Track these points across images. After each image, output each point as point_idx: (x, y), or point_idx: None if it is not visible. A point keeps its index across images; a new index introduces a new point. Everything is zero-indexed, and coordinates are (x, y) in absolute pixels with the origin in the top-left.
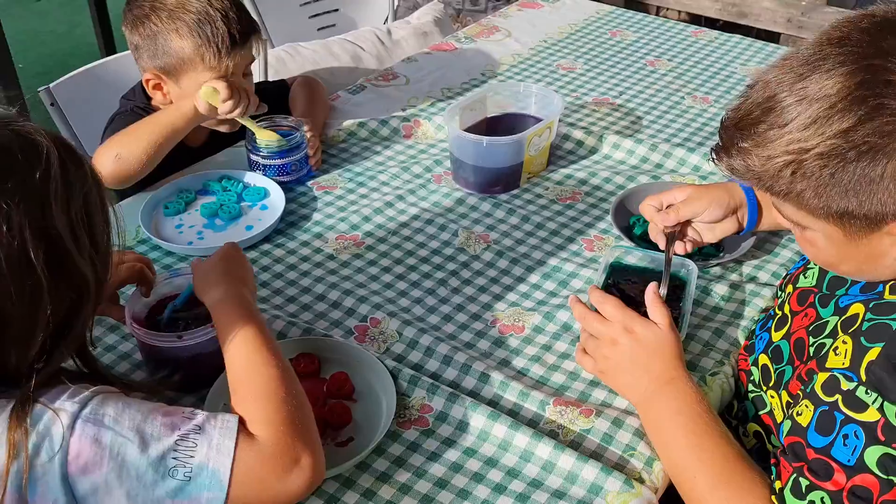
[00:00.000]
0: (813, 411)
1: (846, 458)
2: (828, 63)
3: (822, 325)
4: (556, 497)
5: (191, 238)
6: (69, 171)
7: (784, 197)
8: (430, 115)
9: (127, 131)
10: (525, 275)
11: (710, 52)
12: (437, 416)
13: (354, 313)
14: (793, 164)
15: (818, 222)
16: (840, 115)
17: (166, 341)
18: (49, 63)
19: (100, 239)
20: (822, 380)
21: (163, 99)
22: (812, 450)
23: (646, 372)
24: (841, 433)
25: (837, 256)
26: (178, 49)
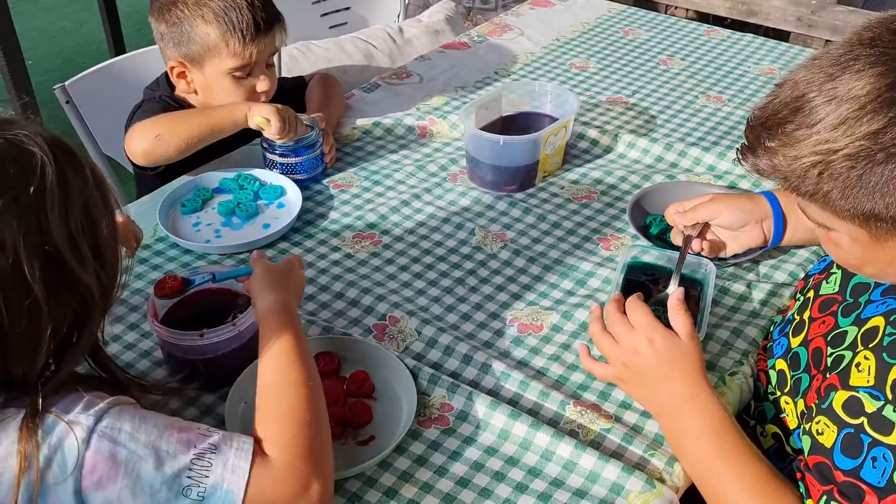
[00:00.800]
0: (836, 433)
1: (876, 480)
2: (858, 63)
3: (841, 335)
4: (577, 496)
5: (208, 236)
6: (68, 178)
7: (810, 198)
8: (445, 114)
9: (173, 116)
10: (542, 273)
11: (724, 52)
12: (458, 414)
13: (373, 311)
14: (820, 165)
15: (844, 224)
16: (870, 117)
17: (187, 340)
18: (57, 61)
19: (104, 246)
20: (844, 399)
21: (186, 88)
22: (840, 472)
23: (665, 387)
24: (869, 456)
25: (862, 258)
26: (204, 35)
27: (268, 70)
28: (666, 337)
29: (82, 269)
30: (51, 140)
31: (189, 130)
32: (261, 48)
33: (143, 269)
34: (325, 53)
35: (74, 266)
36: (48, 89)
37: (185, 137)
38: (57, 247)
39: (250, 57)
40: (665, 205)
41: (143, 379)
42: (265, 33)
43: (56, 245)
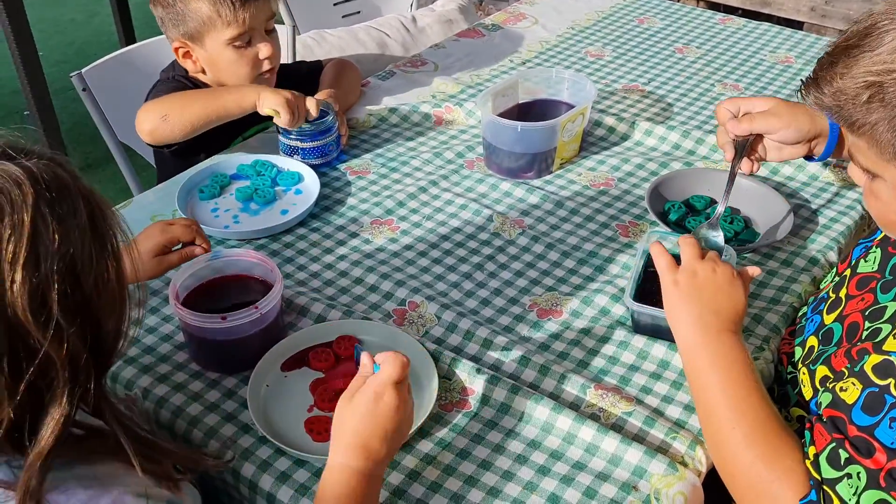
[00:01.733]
0: (861, 391)
1: (890, 441)
2: None
3: (881, 310)
4: (600, 479)
5: (227, 222)
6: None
7: (859, 131)
8: (461, 102)
9: (182, 96)
10: (561, 259)
11: (739, 40)
12: (480, 398)
13: (392, 297)
14: (873, 87)
15: (888, 168)
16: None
17: (210, 323)
18: (68, 52)
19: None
20: (876, 362)
21: (193, 67)
22: (855, 427)
23: (711, 313)
24: (888, 416)
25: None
26: (196, 10)
27: (268, 36)
28: (729, 276)
29: (43, 333)
30: (41, 177)
31: (196, 113)
32: (253, 13)
33: None
34: (339, 42)
35: (34, 330)
36: (60, 80)
37: (191, 119)
38: (15, 311)
39: (244, 23)
40: (684, 192)
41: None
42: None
43: (14, 309)
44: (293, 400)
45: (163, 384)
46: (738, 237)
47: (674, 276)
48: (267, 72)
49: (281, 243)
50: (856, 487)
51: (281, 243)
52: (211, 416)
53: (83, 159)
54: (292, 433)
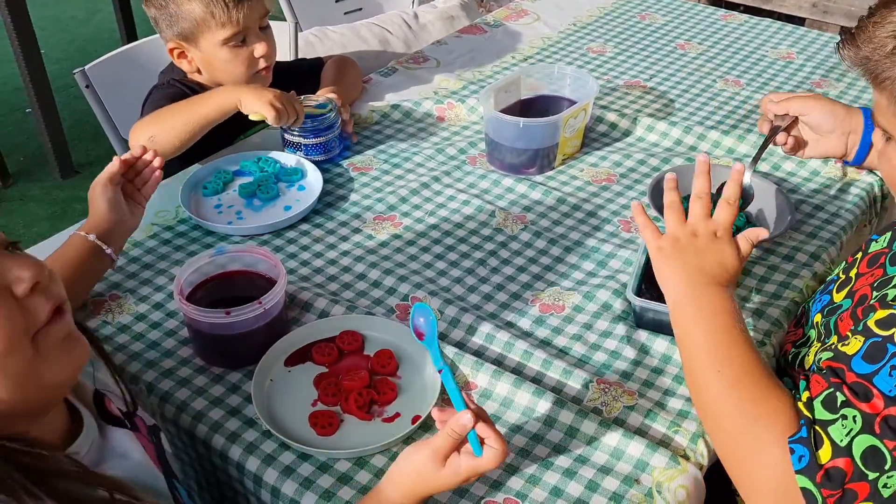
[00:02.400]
0: (862, 342)
1: (888, 388)
2: None
3: (888, 280)
4: (602, 472)
5: (230, 218)
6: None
7: (881, 85)
8: (463, 98)
9: (164, 114)
10: (563, 255)
11: (741, 36)
12: (482, 392)
13: (395, 292)
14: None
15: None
16: None
17: (214, 318)
18: (70, 49)
19: None
20: (880, 316)
21: (189, 67)
22: (853, 374)
23: (698, 270)
24: (889, 364)
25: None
26: (189, 11)
27: (263, 33)
28: (729, 239)
29: None
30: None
31: (179, 128)
32: (247, 12)
33: (167, 249)
34: (341, 39)
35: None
36: (62, 77)
37: (178, 135)
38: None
39: (238, 23)
40: (685, 187)
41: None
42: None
43: None
44: (297, 394)
45: (167, 379)
46: (739, 232)
47: (658, 243)
48: (263, 69)
49: (284, 239)
50: (849, 430)
51: (284, 239)
52: (215, 410)
53: (85, 156)
54: (296, 427)
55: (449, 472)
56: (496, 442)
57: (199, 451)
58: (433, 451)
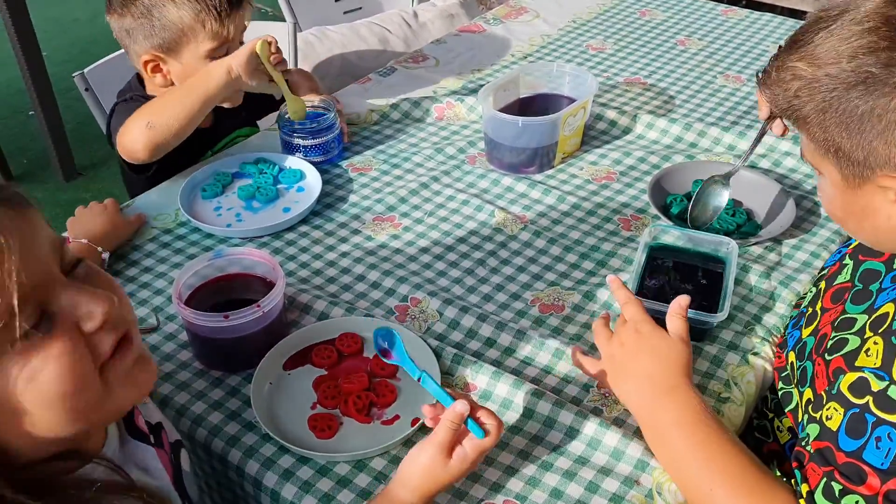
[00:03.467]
0: (843, 414)
1: (879, 462)
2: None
3: (849, 321)
4: (602, 474)
5: (229, 220)
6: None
7: (796, 124)
8: (462, 97)
9: (157, 101)
10: (563, 254)
11: (741, 31)
12: (482, 394)
13: (395, 293)
14: (801, 80)
15: (824, 162)
16: (853, 40)
17: (213, 322)
18: (73, 51)
19: None
20: (851, 380)
21: (163, 81)
22: (843, 454)
23: (648, 377)
24: (873, 436)
25: (842, 208)
26: (177, 20)
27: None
28: (654, 330)
29: None
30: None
31: (177, 108)
32: (237, 24)
33: (166, 252)
34: (341, 39)
35: None
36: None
37: (175, 116)
38: None
39: (228, 35)
40: (686, 185)
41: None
42: (239, 7)
43: None
44: (296, 397)
45: (167, 383)
46: (740, 230)
47: (598, 368)
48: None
49: (283, 241)
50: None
51: (283, 241)
52: (215, 414)
53: (88, 158)
54: (296, 430)
55: (457, 462)
56: (490, 417)
57: (198, 454)
58: (438, 446)
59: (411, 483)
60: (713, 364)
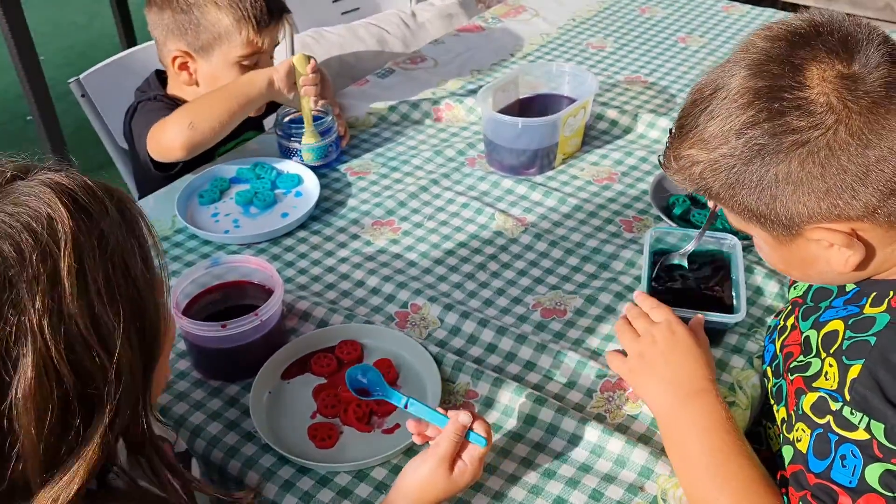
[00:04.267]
0: (809, 435)
1: (847, 480)
2: (736, 67)
3: (807, 341)
4: (606, 481)
5: (227, 226)
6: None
7: (713, 199)
8: (461, 98)
9: (199, 103)
10: (564, 257)
11: (743, 27)
12: (483, 401)
13: (394, 299)
14: (701, 164)
15: (750, 226)
16: (735, 117)
17: (210, 331)
18: (70, 55)
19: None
20: (812, 401)
21: (188, 79)
22: (813, 475)
23: (676, 377)
24: (838, 454)
25: (782, 262)
26: (215, 21)
27: (271, 61)
28: (688, 333)
29: (109, 338)
30: (67, 190)
31: (219, 110)
32: (272, 36)
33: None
34: (339, 40)
35: (104, 334)
36: (62, 84)
37: (218, 118)
38: (84, 320)
39: (262, 45)
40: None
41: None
42: (276, 20)
43: (78, 326)
44: (296, 407)
45: (165, 393)
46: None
47: (628, 366)
48: None
49: (282, 247)
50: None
51: (282, 247)
52: (214, 424)
53: (86, 163)
54: (295, 440)
55: (458, 473)
56: (481, 424)
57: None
58: (440, 459)
59: (412, 495)
60: (718, 367)
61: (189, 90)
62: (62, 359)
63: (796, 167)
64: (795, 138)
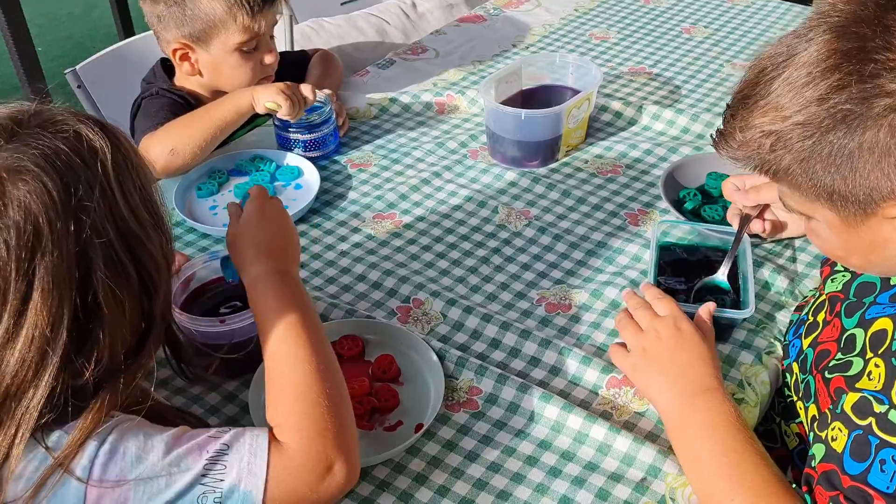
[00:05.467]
0: (847, 435)
1: (885, 486)
2: (812, 33)
3: (850, 339)
4: (613, 480)
5: (225, 220)
6: (117, 154)
7: (776, 177)
8: (463, 89)
9: (181, 125)
10: (569, 251)
11: (748, 18)
12: (487, 398)
13: (396, 294)
14: (774, 136)
15: (815, 207)
16: (816, 83)
17: (208, 326)
18: (67, 46)
19: (158, 213)
20: (853, 401)
21: (191, 70)
22: (848, 477)
23: (682, 375)
24: (878, 458)
25: (843, 248)
26: (209, 11)
27: (271, 41)
28: (693, 329)
29: (149, 241)
30: (87, 116)
31: (199, 136)
32: (268, 19)
33: None
34: (338, 30)
35: (143, 238)
36: (59, 75)
37: (198, 143)
38: (127, 222)
39: (259, 29)
40: (700, 177)
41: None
42: (270, 4)
43: (126, 221)
44: None
45: (163, 388)
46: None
47: (630, 361)
48: (265, 78)
49: None
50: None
51: None
52: (212, 419)
53: None
54: None
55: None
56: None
57: None
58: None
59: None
60: (726, 364)
61: (194, 80)
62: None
63: (885, 135)
64: (888, 102)
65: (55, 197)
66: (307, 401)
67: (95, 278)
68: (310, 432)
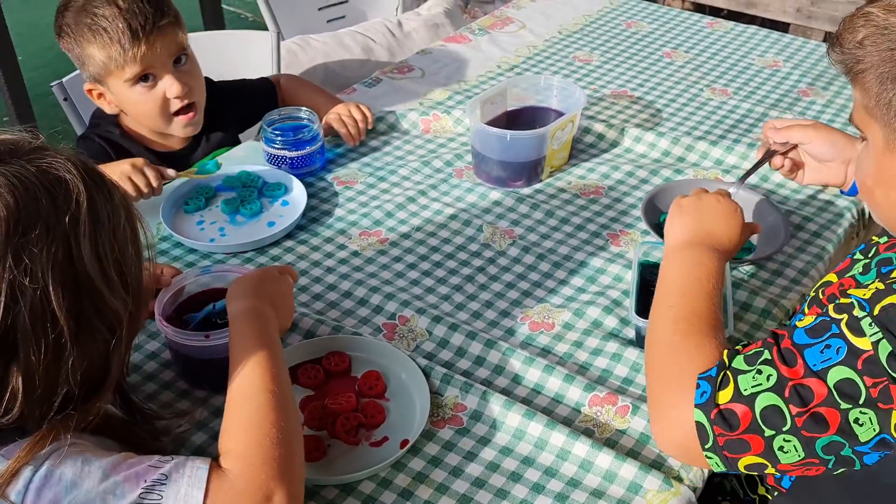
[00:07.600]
0: (814, 318)
1: (813, 363)
2: None
3: (859, 283)
4: (595, 496)
5: (212, 235)
6: (97, 205)
7: (856, 80)
8: (449, 109)
9: None
10: (552, 270)
11: (727, 44)
12: (472, 414)
13: (382, 311)
14: (872, 27)
15: (871, 123)
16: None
17: (194, 341)
18: (48, 56)
19: (129, 273)
20: (843, 302)
21: (110, 108)
22: (790, 341)
23: (696, 228)
24: (825, 342)
25: (874, 175)
26: (91, 54)
27: (177, 71)
28: (734, 207)
29: (112, 295)
30: (83, 166)
31: None
32: (147, 50)
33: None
34: (324, 48)
35: (105, 293)
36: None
37: None
38: (88, 275)
39: (141, 61)
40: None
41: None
42: (149, 34)
43: (87, 273)
44: None
45: (151, 402)
46: None
47: (680, 200)
48: (181, 109)
49: (268, 256)
50: (758, 384)
51: (268, 256)
52: (199, 434)
53: None
54: None
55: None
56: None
57: None
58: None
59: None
60: None
61: (122, 115)
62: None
63: None
64: None
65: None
66: (260, 430)
67: (17, 321)
68: (255, 460)
